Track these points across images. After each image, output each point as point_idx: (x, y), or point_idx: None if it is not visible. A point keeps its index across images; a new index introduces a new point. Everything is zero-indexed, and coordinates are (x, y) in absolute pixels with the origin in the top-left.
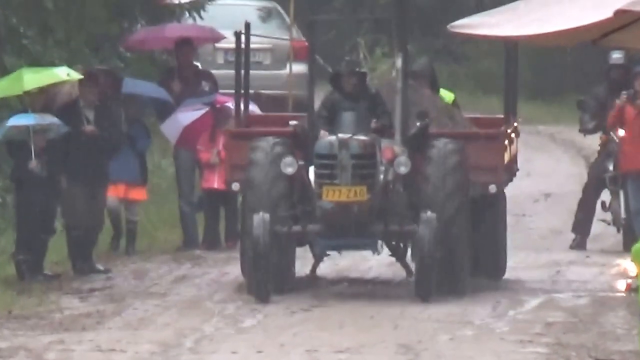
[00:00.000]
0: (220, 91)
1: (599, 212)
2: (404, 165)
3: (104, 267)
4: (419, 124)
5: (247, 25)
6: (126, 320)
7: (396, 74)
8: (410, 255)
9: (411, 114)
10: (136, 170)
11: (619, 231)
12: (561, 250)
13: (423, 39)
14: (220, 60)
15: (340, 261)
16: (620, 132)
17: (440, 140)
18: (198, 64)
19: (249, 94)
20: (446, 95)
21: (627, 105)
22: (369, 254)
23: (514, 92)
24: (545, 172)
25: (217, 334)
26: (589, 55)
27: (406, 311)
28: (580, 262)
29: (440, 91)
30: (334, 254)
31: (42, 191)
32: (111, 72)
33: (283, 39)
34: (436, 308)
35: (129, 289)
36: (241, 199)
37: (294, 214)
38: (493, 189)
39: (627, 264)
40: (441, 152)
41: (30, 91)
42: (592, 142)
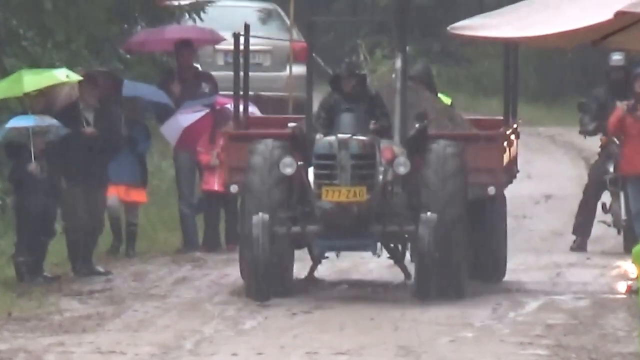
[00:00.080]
0: (220, 93)
1: (599, 214)
2: (403, 166)
3: (103, 269)
4: (417, 125)
5: (247, 26)
6: (126, 322)
7: (395, 74)
8: (409, 258)
9: (410, 116)
10: (136, 172)
11: (619, 233)
12: (561, 252)
13: (423, 40)
14: (220, 62)
15: (340, 263)
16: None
17: (440, 143)
18: (198, 65)
19: (248, 95)
20: (443, 100)
21: (627, 117)
22: (369, 256)
23: (514, 93)
24: (546, 173)
25: (217, 335)
26: (590, 57)
27: (406, 313)
28: (580, 264)
29: (437, 96)
30: (332, 256)
31: (41, 193)
32: (111, 74)
33: (283, 40)
34: (436, 310)
35: (128, 290)
36: (240, 200)
37: (293, 215)
38: (492, 190)
39: (628, 265)
40: (440, 155)
41: (30, 93)
42: (593, 143)
